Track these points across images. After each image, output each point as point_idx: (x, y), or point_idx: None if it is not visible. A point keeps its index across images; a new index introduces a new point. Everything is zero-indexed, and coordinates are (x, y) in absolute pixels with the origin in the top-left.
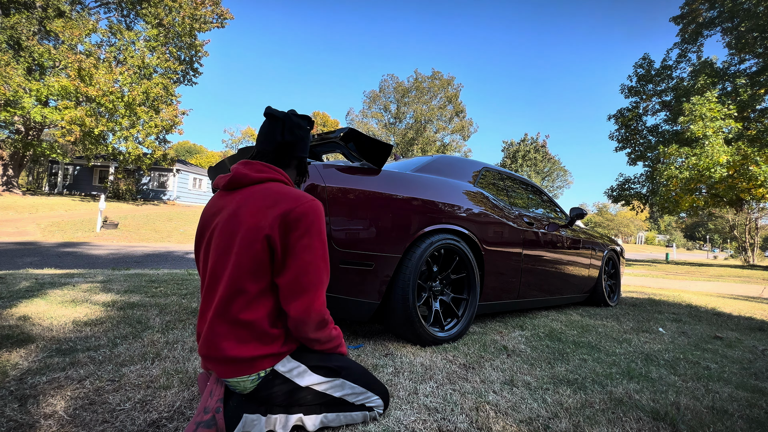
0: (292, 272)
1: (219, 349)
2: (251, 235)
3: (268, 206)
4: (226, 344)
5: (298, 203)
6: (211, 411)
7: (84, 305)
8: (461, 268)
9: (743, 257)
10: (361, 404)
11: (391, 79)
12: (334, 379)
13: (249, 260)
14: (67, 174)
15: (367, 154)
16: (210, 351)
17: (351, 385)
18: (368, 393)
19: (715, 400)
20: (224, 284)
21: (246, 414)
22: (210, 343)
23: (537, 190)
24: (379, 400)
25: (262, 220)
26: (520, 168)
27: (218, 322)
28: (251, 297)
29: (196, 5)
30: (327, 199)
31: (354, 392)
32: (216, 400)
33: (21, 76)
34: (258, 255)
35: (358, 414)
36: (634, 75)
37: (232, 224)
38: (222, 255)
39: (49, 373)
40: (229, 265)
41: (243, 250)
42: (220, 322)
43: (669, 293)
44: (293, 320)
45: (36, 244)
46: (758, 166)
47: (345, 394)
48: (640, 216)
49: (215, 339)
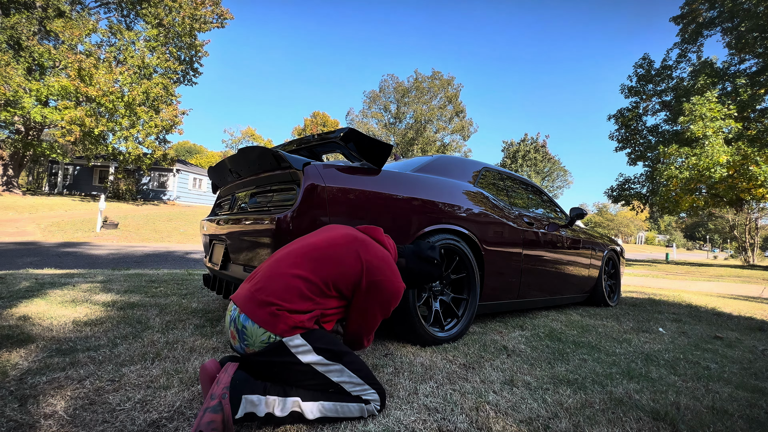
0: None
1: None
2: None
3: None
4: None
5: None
6: (218, 397)
7: (84, 305)
8: (461, 268)
9: (743, 257)
10: (358, 396)
11: (391, 79)
12: (334, 363)
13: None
14: (67, 174)
15: (367, 154)
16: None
17: (350, 374)
18: (365, 386)
19: (715, 400)
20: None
21: (245, 396)
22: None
23: (537, 190)
24: (376, 395)
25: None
26: (520, 168)
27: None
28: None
29: (196, 5)
30: (327, 199)
31: (352, 381)
32: (222, 387)
33: (21, 76)
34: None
35: (355, 406)
36: (634, 75)
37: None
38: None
39: (49, 373)
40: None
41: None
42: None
43: (669, 293)
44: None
45: (36, 244)
46: (758, 166)
47: (343, 381)
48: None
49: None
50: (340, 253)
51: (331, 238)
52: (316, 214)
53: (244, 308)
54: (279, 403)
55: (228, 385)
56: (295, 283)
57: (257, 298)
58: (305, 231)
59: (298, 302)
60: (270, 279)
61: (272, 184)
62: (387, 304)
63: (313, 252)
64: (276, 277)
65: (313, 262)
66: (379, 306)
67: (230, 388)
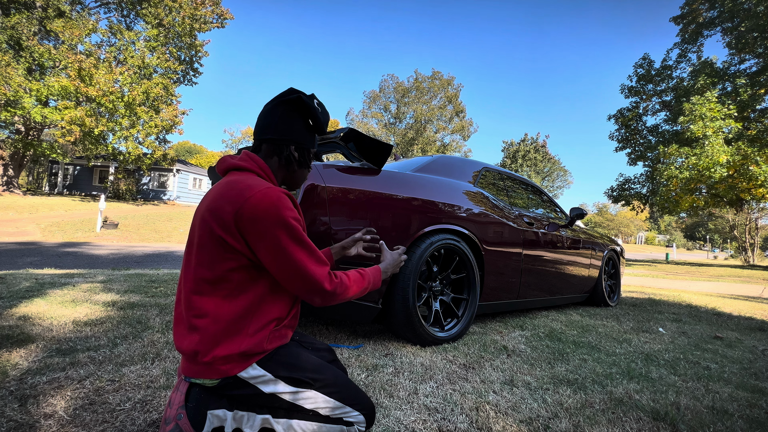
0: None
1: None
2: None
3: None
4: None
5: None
6: (173, 420)
7: (84, 305)
8: (461, 268)
9: (743, 257)
10: (338, 418)
11: (391, 79)
12: (305, 389)
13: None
14: (67, 174)
15: (367, 154)
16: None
17: (325, 398)
18: (346, 407)
19: (715, 400)
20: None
21: (210, 411)
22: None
23: (537, 190)
24: (360, 416)
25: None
26: (520, 168)
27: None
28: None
29: (196, 5)
30: (327, 199)
31: (328, 406)
32: (176, 409)
33: (21, 76)
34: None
35: (336, 428)
36: (634, 75)
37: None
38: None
39: (49, 373)
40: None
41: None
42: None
43: (669, 293)
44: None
45: (36, 244)
46: (758, 166)
47: (317, 407)
48: (640, 216)
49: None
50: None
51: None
52: (316, 214)
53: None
54: (248, 419)
55: (182, 404)
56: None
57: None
58: (305, 231)
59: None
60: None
61: None
62: (280, 222)
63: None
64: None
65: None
66: (279, 232)
67: (196, 401)
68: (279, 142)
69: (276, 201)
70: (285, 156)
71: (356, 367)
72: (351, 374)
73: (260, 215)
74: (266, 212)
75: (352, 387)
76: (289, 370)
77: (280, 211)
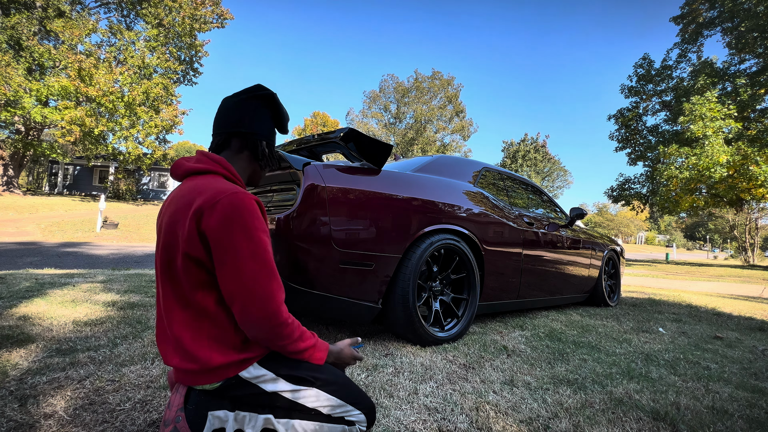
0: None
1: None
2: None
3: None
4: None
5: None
6: (171, 422)
7: (84, 305)
8: (461, 268)
9: (743, 257)
10: (340, 417)
11: (391, 79)
12: (307, 388)
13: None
14: (67, 174)
15: (367, 154)
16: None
17: (327, 396)
18: (347, 406)
19: (715, 400)
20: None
21: (210, 412)
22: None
23: (537, 190)
24: (361, 416)
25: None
26: (520, 168)
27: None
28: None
29: (196, 5)
30: (327, 199)
31: (330, 404)
32: (175, 411)
33: (21, 76)
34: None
35: (338, 427)
36: (634, 75)
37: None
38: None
39: (49, 373)
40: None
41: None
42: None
43: (669, 293)
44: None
45: (36, 244)
46: (758, 166)
47: (319, 405)
48: (640, 216)
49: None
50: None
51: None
52: (317, 214)
53: (178, 377)
54: (250, 420)
55: (181, 407)
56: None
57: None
58: (305, 231)
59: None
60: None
61: (272, 184)
62: (246, 225)
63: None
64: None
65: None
66: (241, 236)
67: (195, 403)
68: (252, 137)
69: (243, 208)
70: (259, 151)
71: (356, 367)
72: (351, 374)
73: (225, 224)
74: (231, 221)
75: (352, 386)
76: (290, 369)
77: (246, 221)
